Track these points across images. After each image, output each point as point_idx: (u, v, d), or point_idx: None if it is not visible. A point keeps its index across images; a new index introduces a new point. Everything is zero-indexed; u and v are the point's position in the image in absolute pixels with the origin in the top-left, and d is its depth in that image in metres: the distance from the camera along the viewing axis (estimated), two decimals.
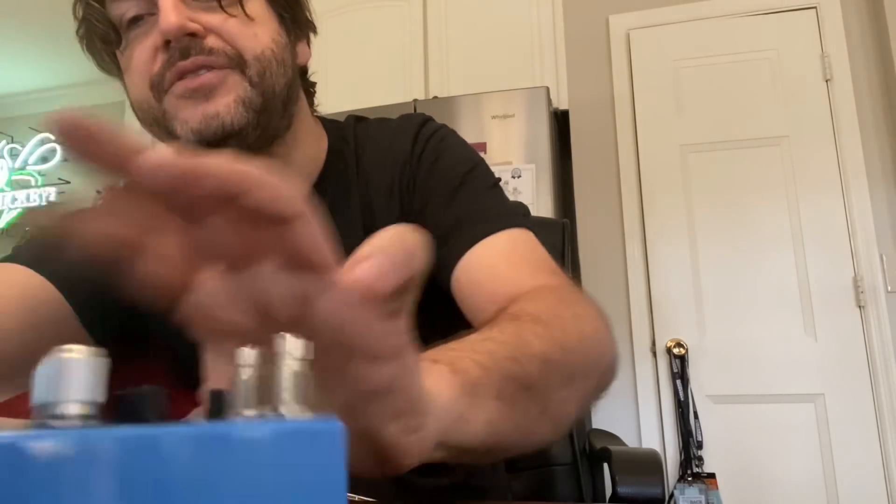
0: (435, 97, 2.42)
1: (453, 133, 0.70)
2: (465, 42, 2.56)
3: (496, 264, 0.58)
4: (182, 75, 0.55)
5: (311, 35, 0.70)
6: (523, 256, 0.58)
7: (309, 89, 0.70)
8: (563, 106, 2.44)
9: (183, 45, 0.55)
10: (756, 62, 2.33)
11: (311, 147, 0.67)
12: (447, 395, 0.30)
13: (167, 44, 0.56)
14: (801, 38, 2.32)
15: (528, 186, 2.11)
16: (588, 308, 0.50)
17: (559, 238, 1.04)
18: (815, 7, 2.33)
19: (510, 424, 0.35)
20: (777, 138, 2.27)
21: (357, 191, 0.66)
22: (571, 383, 0.42)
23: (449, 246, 0.60)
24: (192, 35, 0.55)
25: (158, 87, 0.57)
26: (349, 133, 0.70)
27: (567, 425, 0.43)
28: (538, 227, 0.62)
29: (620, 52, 2.48)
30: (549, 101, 2.22)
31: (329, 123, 0.72)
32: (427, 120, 0.70)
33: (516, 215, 0.63)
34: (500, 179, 0.67)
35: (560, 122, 2.42)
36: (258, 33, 0.59)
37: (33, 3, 2.98)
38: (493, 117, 2.20)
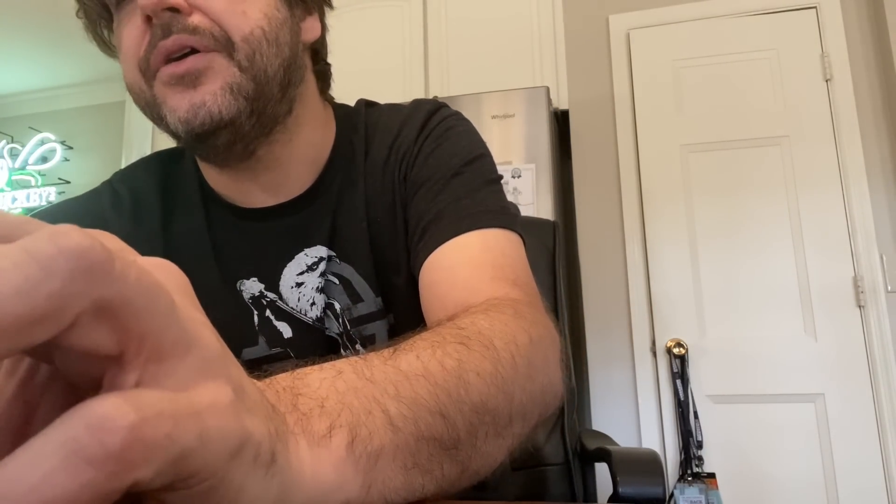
0: (435, 97, 2.42)
1: (463, 122, 0.66)
2: (465, 42, 2.56)
3: (457, 267, 0.54)
4: (167, 58, 0.52)
5: (327, 9, 0.64)
6: (490, 261, 0.54)
7: (322, 70, 0.65)
8: (563, 106, 2.44)
9: (164, 21, 0.51)
10: (756, 62, 2.33)
11: (317, 133, 0.63)
12: (331, 479, 0.25)
13: (149, 21, 0.51)
14: (801, 38, 2.32)
15: (528, 186, 2.11)
16: (542, 329, 0.46)
17: (550, 238, 1.04)
18: (815, 7, 2.33)
19: (417, 491, 0.31)
20: (777, 138, 2.27)
21: (363, 181, 0.62)
22: (507, 429, 0.38)
23: (424, 240, 0.57)
24: (175, 11, 0.51)
25: (146, 72, 0.53)
26: (359, 119, 0.66)
27: (491, 472, 0.38)
28: (528, 227, 0.59)
29: (620, 52, 2.48)
30: (549, 101, 2.22)
31: (339, 108, 0.68)
32: (438, 108, 0.65)
33: (501, 215, 0.57)
34: (501, 177, 0.63)
35: (560, 122, 2.42)
36: (247, 10, 0.53)
37: (33, 3, 2.98)
38: (493, 117, 2.20)
